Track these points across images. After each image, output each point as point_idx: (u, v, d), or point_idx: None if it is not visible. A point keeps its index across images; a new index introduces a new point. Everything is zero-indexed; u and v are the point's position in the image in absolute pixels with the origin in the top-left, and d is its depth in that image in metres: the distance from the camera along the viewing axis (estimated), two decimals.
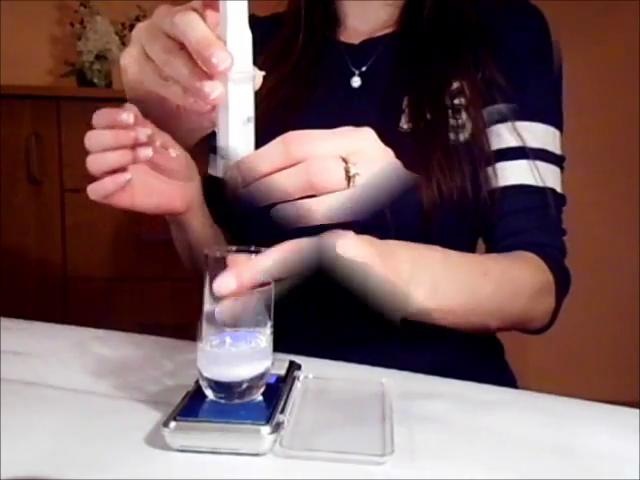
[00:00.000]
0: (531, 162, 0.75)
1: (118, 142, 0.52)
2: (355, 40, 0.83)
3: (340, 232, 0.48)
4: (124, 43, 1.83)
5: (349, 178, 0.43)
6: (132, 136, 0.52)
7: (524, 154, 0.75)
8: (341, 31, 0.85)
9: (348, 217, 0.45)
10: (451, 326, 0.64)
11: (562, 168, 0.78)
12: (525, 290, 0.70)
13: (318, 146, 0.44)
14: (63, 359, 0.63)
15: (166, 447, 0.42)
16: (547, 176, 0.75)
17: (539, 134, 0.76)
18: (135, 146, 0.52)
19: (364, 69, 0.81)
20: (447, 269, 0.62)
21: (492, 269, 0.67)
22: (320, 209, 0.44)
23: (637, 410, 0.52)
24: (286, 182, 0.43)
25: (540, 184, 0.74)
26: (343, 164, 0.43)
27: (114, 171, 0.54)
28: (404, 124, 0.74)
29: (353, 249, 0.48)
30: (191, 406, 0.44)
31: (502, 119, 0.75)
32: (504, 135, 0.75)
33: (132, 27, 1.85)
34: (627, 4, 2.09)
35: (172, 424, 0.42)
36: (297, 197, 0.44)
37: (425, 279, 0.57)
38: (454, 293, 0.61)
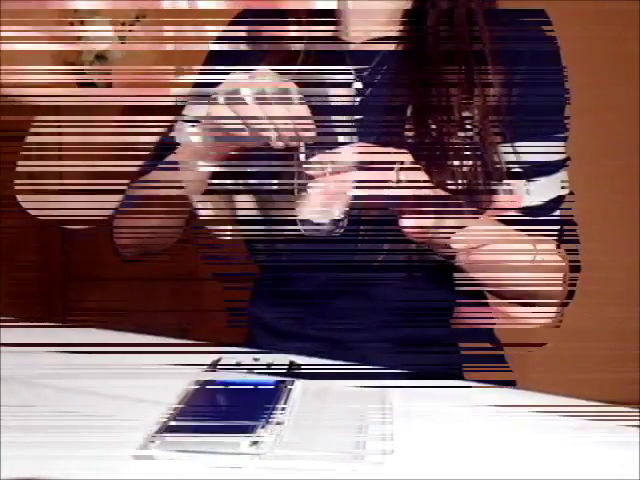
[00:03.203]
0: (537, 180, 0.77)
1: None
2: (357, 39, 0.81)
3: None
4: (124, 43, 1.83)
5: (398, 181, 0.60)
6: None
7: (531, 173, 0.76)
8: (343, 28, 0.83)
9: None
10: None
11: (567, 166, 0.80)
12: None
13: (380, 156, 0.60)
14: (63, 359, 0.63)
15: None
16: (552, 186, 0.78)
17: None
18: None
19: (365, 73, 0.79)
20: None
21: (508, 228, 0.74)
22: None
23: (637, 410, 0.52)
24: (359, 175, 0.59)
25: (550, 197, 0.78)
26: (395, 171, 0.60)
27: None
28: (408, 132, 0.74)
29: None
30: (190, 407, 0.44)
31: (505, 140, 0.75)
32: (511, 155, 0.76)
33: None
34: (627, 4, 2.08)
35: (157, 442, 0.41)
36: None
37: None
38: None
